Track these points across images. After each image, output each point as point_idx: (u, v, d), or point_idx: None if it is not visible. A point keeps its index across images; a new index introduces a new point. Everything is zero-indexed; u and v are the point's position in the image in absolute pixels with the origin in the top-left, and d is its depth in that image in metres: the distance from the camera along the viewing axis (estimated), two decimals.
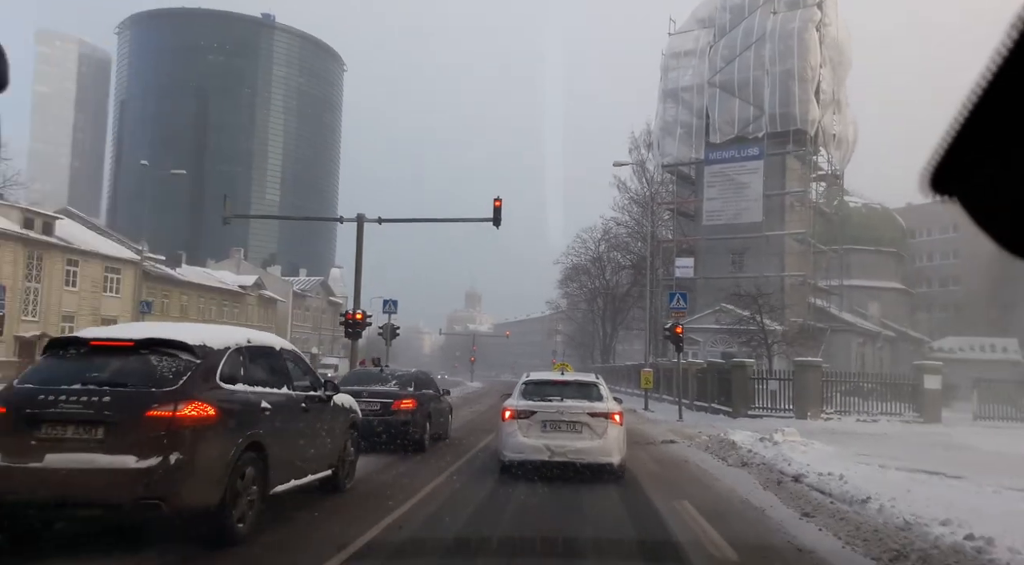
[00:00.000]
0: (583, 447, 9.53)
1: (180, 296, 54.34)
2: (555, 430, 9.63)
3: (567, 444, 9.52)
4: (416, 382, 13.96)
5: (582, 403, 9.93)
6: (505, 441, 9.84)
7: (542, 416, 9.68)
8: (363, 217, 24.53)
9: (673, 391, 33.82)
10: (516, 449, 9.65)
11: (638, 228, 56.18)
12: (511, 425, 9.77)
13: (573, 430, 9.63)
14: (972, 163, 1.02)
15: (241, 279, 65.79)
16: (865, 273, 48.27)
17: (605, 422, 9.68)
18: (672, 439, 17.22)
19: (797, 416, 23.04)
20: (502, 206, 23.41)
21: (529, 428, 9.64)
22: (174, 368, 5.63)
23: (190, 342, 5.88)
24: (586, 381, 10.84)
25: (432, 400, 14.20)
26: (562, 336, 79.91)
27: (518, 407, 9.86)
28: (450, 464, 11.37)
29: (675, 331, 23.81)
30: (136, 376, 5.56)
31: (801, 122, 38.03)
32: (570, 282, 67.12)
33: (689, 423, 22.79)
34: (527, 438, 9.60)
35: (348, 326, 23.73)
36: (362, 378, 14.24)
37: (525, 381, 10.79)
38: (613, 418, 9.78)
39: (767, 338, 26.97)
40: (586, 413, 9.69)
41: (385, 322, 31.84)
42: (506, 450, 9.79)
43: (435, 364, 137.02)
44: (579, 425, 9.64)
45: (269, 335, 8.01)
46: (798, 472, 10.17)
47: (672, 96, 42.29)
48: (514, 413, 9.80)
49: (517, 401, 10.06)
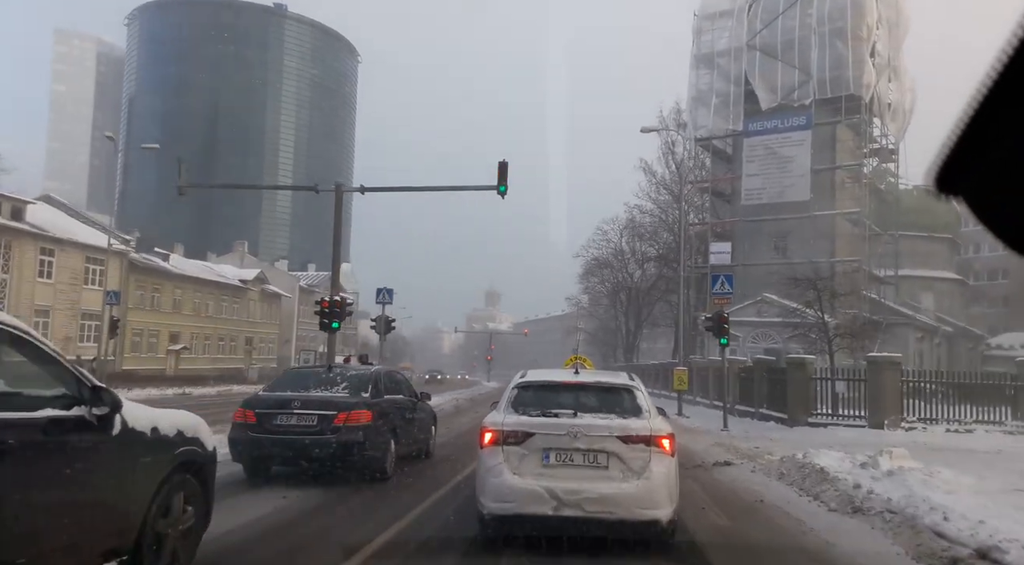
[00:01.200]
0: (611, 494, 5.82)
1: (173, 289, 50.81)
2: (565, 464, 6.01)
3: (584, 488, 5.83)
4: (376, 385, 10.23)
5: (609, 419, 6.22)
6: (485, 482, 6.14)
7: (544, 441, 6.05)
8: (342, 186, 20.66)
9: (709, 393, 29.67)
10: (502, 496, 5.98)
11: (664, 217, 52.34)
12: (493, 455, 6.11)
13: (594, 464, 5.99)
14: (977, 161, 1.00)
15: (243, 273, 62.31)
16: (917, 261, 43.51)
17: (646, 452, 5.99)
18: (728, 459, 13.02)
19: (871, 425, 18.71)
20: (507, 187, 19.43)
21: (523, 461, 6.02)
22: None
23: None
24: (615, 384, 6.88)
25: (402, 409, 10.87)
26: (583, 333, 75.85)
27: (505, 426, 6.19)
28: (416, 502, 8.00)
29: (720, 320, 19.58)
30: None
31: (855, 87, 33.42)
32: (591, 277, 63.78)
33: (737, 433, 18.74)
34: (519, 477, 5.96)
35: (322, 315, 19.77)
36: (297, 382, 10.34)
37: (518, 384, 6.86)
38: (661, 444, 6.05)
39: (828, 332, 22.54)
40: (615, 437, 6.00)
41: (379, 314, 27.82)
42: (487, 497, 6.10)
43: (454, 363, 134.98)
44: (604, 456, 5.99)
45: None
46: (982, 544, 5.93)
47: (706, 62, 37.78)
48: (498, 436, 6.15)
49: (504, 416, 6.36)
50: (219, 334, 56.82)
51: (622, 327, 62.49)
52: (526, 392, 6.63)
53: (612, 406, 6.40)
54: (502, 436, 6.05)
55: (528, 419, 6.18)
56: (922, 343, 37.98)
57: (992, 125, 0.95)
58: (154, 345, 48.86)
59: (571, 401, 6.43)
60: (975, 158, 1.00)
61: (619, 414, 6.25)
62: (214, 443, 5.41)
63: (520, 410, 6.37)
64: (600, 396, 6.61)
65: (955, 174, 1.02)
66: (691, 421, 23.17)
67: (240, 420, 9.35)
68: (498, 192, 20.21)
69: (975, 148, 0.98)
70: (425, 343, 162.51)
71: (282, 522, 7.17)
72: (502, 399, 6.71)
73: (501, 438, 6.05)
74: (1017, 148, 0.96)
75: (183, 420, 5.01)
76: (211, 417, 6.82)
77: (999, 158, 0.99)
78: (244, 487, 8.84)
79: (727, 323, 20.00)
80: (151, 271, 48.38)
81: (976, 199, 1.05)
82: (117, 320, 30.96)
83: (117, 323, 31.05)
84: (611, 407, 6.39)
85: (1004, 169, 1.00)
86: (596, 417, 6.19)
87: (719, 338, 19.91)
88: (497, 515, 5.98)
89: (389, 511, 7.56)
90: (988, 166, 1.00)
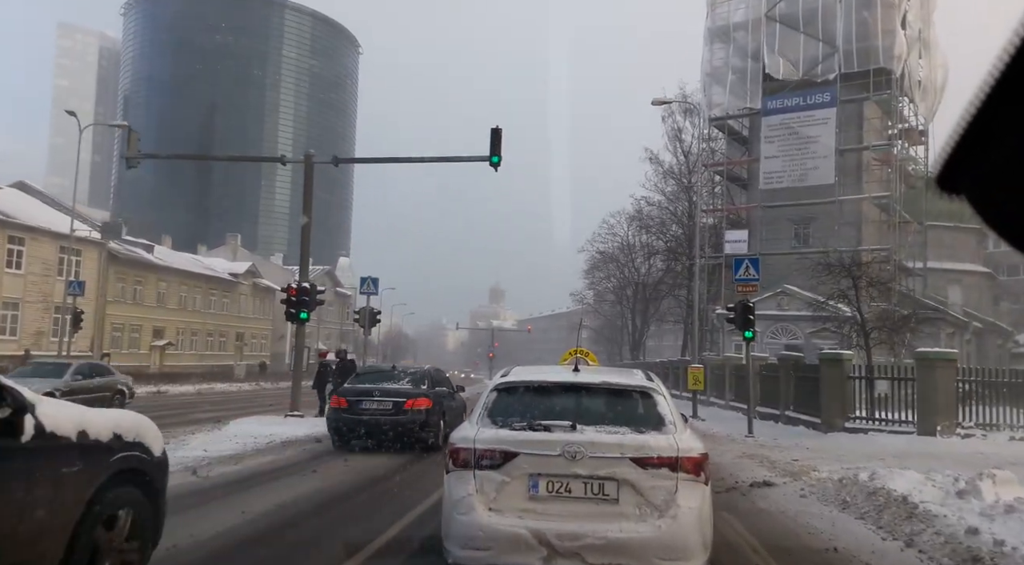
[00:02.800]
0: (622, 538, 4.26)
1: (157, 282, 48.38)
2: (560, 496, 4.47)
3: (586, 531, 4.29)
4: (429, 379, 13.67)
5: (620, 434, 4.62)
6: (451, 518, 4.60)
7: (531, 464, 4.51)
8: (312, 157, 18.17)
9: (725, 393, 27.08)
10: (472, 540, 4.45)
11: (673, 209, 50.13)
12: (462, 483, 4.59)
13: (600, 497, 4.46)
14: (980, 159, 1.01)
15: (235, 266, 59.88)
16: (943, 253, 40.74)
17: (672, 480, 4.45)
18: (767, 478, 10.42)
19: (920, 431, 16.11)
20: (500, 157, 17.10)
21: (502, 491, 4.50)
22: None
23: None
24: (628, 386, 5.14)
25: (446, 398, 13.76)
26: (588, 330, 73.50)
27: (478, 443, 4.63)
28: None
29: (745, 311, 17.01)
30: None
31: (884, 59, 30.61)
32: (596, 272, 61.79)
33: (766, 440, 16.32)
34: (497, 514, 4.45)
35: (289, 304, 17.32)
36: (373, 376, 14.05)
37: (498, 385, 5.19)
38: (690, 469, 4.51)
39: (864, 325, 19.88)
40: (629, 459, 4.45)
41: (363, 306, 25.39)
42: (452, 542, 4.58)
43: (458, 361, 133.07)
44: (614, 485, 4.45)
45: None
46: None
47: (721, 35, 35.00)
48: (469, 456, 4.62)
49: (477, 429, 4.79)
50: (207, 329, 54.41)
51: (628, 324, 60.69)
52: (508, 396, 5.03)
53: (624, 416, 4.81)
54: (474, 457, 4.55)
55: (509, 434, 4.64)
56: (952, 339, 35.29)
57: (994, 123, 0.95)
58: (136, 340, 46.47)
59: (569, 409, 4.84)
60: (978, 156, 1.00)
61: (634, 427, 4.69)
62: (162, 446, 4.75)
63: (499, 421, 4.79)
64: (608, 402, 4.98)
65: (958, 172, 1.03)
66: (709, 425, 20.63)
67: (335, 405, 12.83)
68: (491, 163, 17.79)
69: (977, 146, 0.98)
70: (430, 340, 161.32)
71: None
72: (476, 406, 5.11)
73: (472, 459, 4.55)
74: (1019, 146, 0.96)
75: (123, 421, 4.40)
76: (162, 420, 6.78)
77: (1001, 156, 0.98)
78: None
79: (753, 314, 17.43)
80: (133, 263, 45.98)
81: (979, 197, 1.05)
82: (81, 312, 28.54)
83: (81, 315, 28.62)
84: (623, 417, 4.79)
85: (1006, 167, 0.99)
86: (602, 431, 4.62)
87: (743, 331, 17.31)
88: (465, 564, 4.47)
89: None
90: (990, 164, 1.00)
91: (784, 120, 32.40)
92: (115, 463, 4.10)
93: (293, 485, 9.13)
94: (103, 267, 42.77)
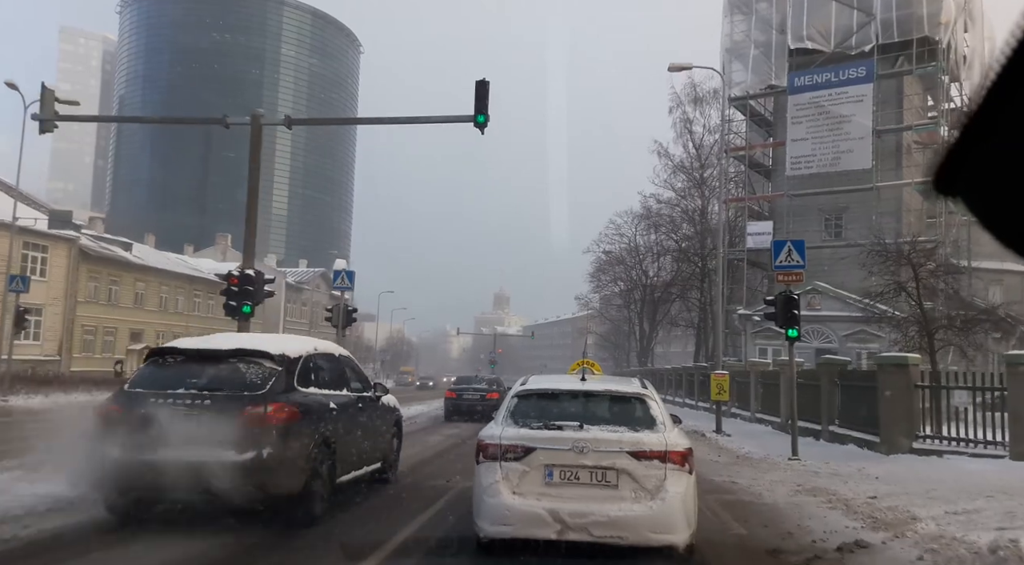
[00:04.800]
0: (621, 516, 5.35)
1: (135, 282, 45.32)
2: (570, 482, 5.53)
3: (592, 510, 5.36)
4: (497, 381, 25.29)
5: (619, 432, 5.71)
6: (481, 502, 5.66)
7: (546, 456, 5.57)
8: (260, 116, 15.11)
9: (750, 404, 23.72)
10: (500, 517, 5.52)
11: (684, 206, 47.32)
12: (490, 472, 5.63)
13: (603, 483, 5.52)
14: (976, 162, 1.00)
15: (222, 267, 56.80)
16: (983, 251, 37.28)
17: (661, 469, 5.50)
18: (859, 539, 7.07)
19: (1014, 455, 12.81)
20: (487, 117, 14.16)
21: (523, 479, 5.56)
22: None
23: (272, 351, 6.94)
24: (625, 392, 6.24)
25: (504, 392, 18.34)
26: (593, 336, 70.41)
27: (503, 440, 5.69)
28: None
29: (787, 304, 13.79)
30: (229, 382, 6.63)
31: (929, 27, 27.24)
32: (602, 274, 58.90)
33: (815, 464, 13.35)
34: (519, 497, 5.51)
35: (230, 295, 14.17)
36: (466, 381, 25.41)
37: (518, 392, 6.28)
38: (675, 459, 5.54)
39: (929, 324, 16.52)
40: (627, 453, 5.52)
41: (336, 303, 22.22)
42: (483, 519, 5.63)
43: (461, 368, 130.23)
44: (613, 474, 5.52)
45: (330, 343, 8.76)
46: None
47: (742, 6, 31.59)
48: (496, 450, 5.67)
49: (502, 428, 5.85)
50: (190, 333, 51.21)
51: (635, 329, 57.72)
52: (527, 401, 6.21)
53: (622, 417, 6.00)
54: (500, 451, 5.67)
55: (529, 432, 5.78)
56: (999, 344, 31.82)
57: (991, 126, 0.94)
58: (110, 344, 43.41)
59: (577, 412, 6.02)
60: (974, 159, 0.99)
61: (630, 426, 5.84)
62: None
63: (520, 422, 5.96)
64: (609, 406, 6.20)
65: (954, 175, 1.02)
66: (738, 443, 17.38)
67: (449, 396, 23.11)
68: (476, 124, 14.64)
69: (974, 149, 0.98)
70: (435, 347, 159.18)
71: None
72: (500, 409, 6.34)
73: (499, 453, 5.67)
74: (1016, 149, 0.96)
75: (393, 400, 10.05)
76: None
77: (998, 159, 0.98)
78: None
79: (797, 309, 14.17)
80: (107, 261, 42.92)
81: (975, 200, 1.05)
82: (24, 310, 25.46)
83: (24, 314, 25.58)
84: (621, 418, 5.98)
85: (1003, 170, 0.99)
86: (605, 430, 5.77)
87: (786, 328, 14.04)
88: (495, 539, 5.64)
89: None
90: (987, 167, 1.00)
91: (813, 98, 29.01)
92: (393, 415, 9.87)
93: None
94: (73, 265, 39.78)
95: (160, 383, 6.57)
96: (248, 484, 6.02)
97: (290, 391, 6.69)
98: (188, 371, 6.67)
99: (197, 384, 6.46)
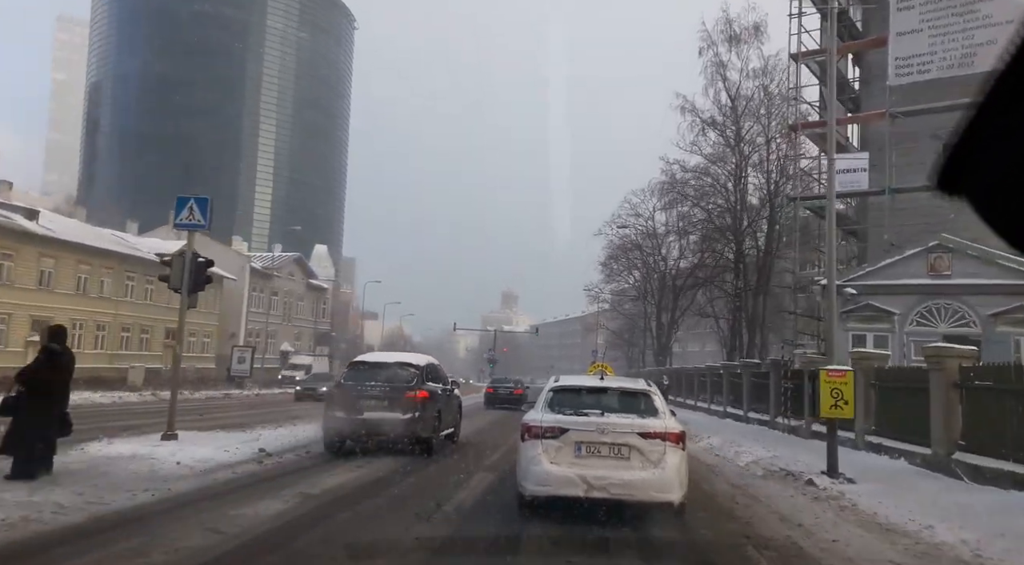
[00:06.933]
0: (632, 479, 7.37)
1: (39, 258, 37.00)
2: (593, 455, 7.56)
3: (610, 475, 7.37)
4: (521, 381, 36.41)
5: (630, 418, 7.78)
6: (527, 469, 7.72)
7: (576, 436, 7.61)
8: None
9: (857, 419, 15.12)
10: (541, 480, 7.59)
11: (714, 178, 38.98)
12: (533, 447, 7.69)
13: (618, 455, 7.54)
14: (980, 160, 1.02)
15: (169, 246, 48.53)
16: None
17: (662, 446, 7.53)
18: None
19: None
20: None
21: (558, 452, 7.58)
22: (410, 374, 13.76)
23: (414, 362, 13.77)
24: (634, 389, 8.46)
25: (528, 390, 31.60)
26: (605, 332, 62.10)
27: (544, 423, 7.75)
28: None
29: None
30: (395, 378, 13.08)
31: None
32: (615, 263, 51.36)
33: None
34: (556, 465, 7.52)
35: None
36: (500, 379, 37.04)
37: (553, 387, 8.54)
38: (672, 439, 7.60)
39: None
40: (636, 433, 7.55)
41: (178, 251, 13.74)
42: (528, 481, 7.72)
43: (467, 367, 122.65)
44: (626, 449, 7.53)
45: (431, 357, 15.34)
46: None
47: None
48: (538, 431, 7.71)
49: (542, 414, 7.94)
50: (122, 323, 43.03)
51: (652, 324, 50.31)
52: (560, 394, 8.26)
53: (632, 407, 7.99)
54: (541, 431, 7.61)
55: (563, 417, 7.73)
56: None
57: (995, 124, 0.95)
58: (2, 334, 35.14)
59: (598, 402, 8.10)
60: (978, 157, 1.00)
61: (638, 414, 7.82)
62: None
63: (556, 409, 7.93)
64: (622, 399, 8.21)
65: (958, 173, 1.03)
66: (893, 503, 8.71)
67: (488, 391, 33.71)
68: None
69: (978, 147, 0.99)
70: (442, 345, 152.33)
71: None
72: (539, 400, 8.46)
73: (540, 432, 7.60)
74: (1020, 147, 0.96)
75: (459, 392, 16.51)
76: None
77: (1002, 157, 0.99)
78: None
79: None
80: (5, 233, 34.67)
81: (979, 198, 1.05)
82: None
83: None
84: (631, 408, 7.97)
85: (1007, 168, 0.99)
86: (619, 416, 7.76)
87: None
88: (538, 495, 7.59)
89: None
90: (991, 165, 1.00)
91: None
92: (458, 400, 15.96)
93: None
94: None
95: (359, 378, 12.97)
96: (407, 432, 12.14)
97: (423, 383, 12.90)
98: (373, 372, 13.09)
99: (379, 378, 12.81)
